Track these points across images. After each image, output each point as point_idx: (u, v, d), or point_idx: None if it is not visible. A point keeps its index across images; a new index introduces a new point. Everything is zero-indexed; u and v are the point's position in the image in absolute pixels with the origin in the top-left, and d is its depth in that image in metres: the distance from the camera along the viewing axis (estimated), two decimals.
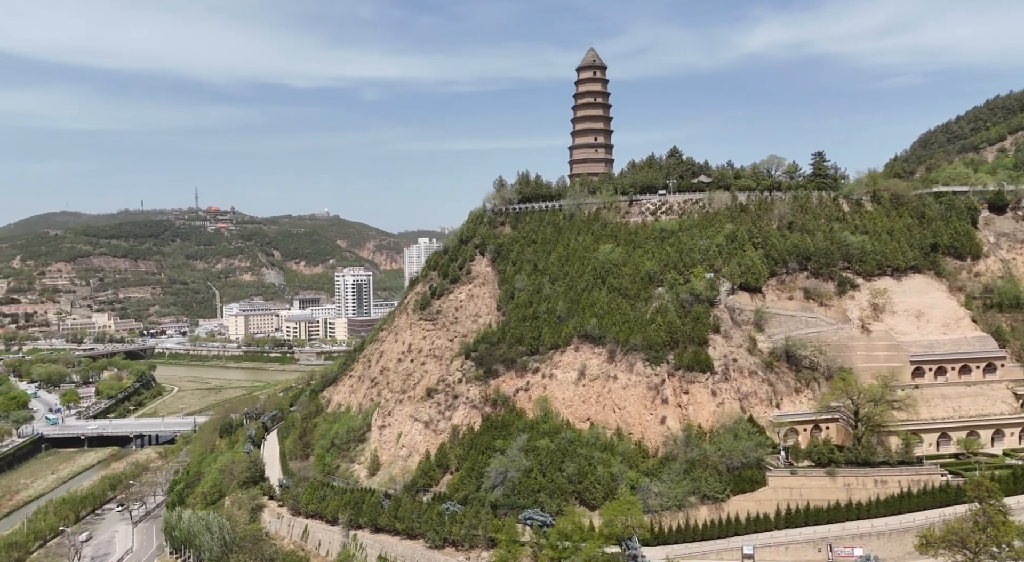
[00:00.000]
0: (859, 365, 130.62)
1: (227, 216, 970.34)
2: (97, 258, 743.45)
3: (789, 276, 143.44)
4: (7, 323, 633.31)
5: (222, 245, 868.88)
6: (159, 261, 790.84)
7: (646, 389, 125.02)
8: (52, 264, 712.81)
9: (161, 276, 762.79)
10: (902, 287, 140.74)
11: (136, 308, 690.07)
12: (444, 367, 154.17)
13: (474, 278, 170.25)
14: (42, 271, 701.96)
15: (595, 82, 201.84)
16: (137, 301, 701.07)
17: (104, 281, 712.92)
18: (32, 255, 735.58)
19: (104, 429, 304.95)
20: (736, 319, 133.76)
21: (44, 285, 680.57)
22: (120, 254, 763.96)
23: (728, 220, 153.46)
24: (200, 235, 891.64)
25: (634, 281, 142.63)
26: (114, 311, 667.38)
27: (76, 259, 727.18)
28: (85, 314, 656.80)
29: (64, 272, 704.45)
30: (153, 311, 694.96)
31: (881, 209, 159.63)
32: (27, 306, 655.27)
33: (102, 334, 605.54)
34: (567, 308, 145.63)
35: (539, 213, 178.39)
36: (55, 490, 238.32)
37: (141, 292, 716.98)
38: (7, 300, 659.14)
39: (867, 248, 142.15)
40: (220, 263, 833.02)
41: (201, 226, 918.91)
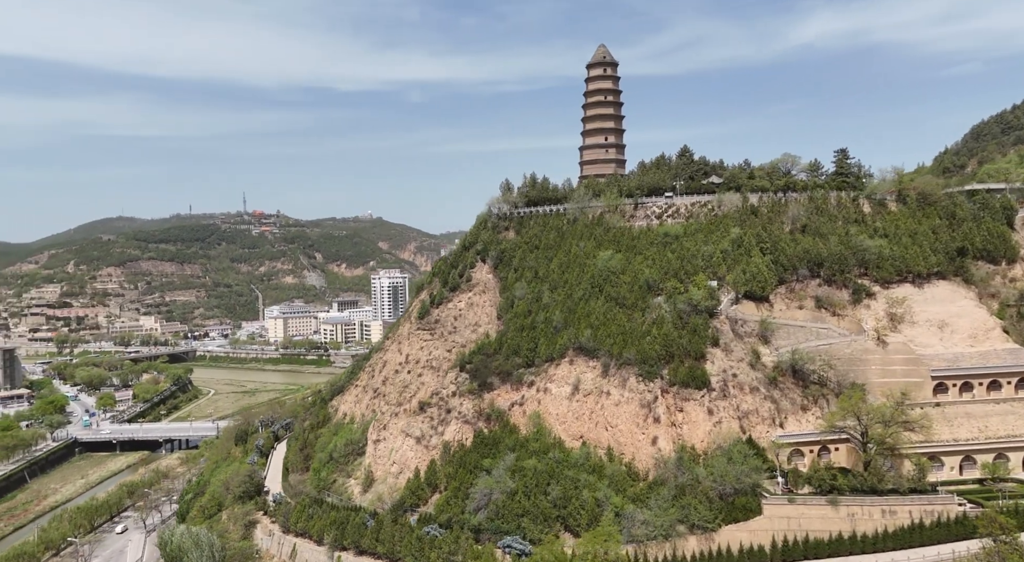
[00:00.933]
0: (874, 380, 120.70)
1: (271, 219, 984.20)
2: (145, 262, 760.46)
3: (799, 284, 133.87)
4: (60, 326, 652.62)
5: (266, 248, 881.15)
6: (204, 264, 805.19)
7: (638, 406, 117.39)
8: (103, 268, 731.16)
9: (206, 279, 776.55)
10: (924, 295, 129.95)
11: (181, 311, 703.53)
12: (440, 379, 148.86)
13: (474, 286, 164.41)
14: (94, 275, 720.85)
15: (605, 80, 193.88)
16: (182, 304, 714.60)
17: (151, 285, 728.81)
18: (85, 260, 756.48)
19: (135, 434, 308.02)
20: (738, 331, 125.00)
21: (95, 289, 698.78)
22: (167, 258, 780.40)
23: (737, 223, 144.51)
24: (245, 238, 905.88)
25: (632, 290, 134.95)
26: (160, 314, 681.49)
27: (125, 263, 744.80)
28: (133, 317, 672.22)
29: (114, 276, 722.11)
30: (198, 314, 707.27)
31: (906, 210, 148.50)
32: (79, 309, 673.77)
33: (148, 337, 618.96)
34: (564, 318, 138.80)
35: (543, 217, 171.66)
36: (82, 495, 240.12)
37: (186, 295, 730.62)
38: (60, 304, 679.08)
39: (885, 253, 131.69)
40: (263, 266, 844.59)
41: (246, 229, 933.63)
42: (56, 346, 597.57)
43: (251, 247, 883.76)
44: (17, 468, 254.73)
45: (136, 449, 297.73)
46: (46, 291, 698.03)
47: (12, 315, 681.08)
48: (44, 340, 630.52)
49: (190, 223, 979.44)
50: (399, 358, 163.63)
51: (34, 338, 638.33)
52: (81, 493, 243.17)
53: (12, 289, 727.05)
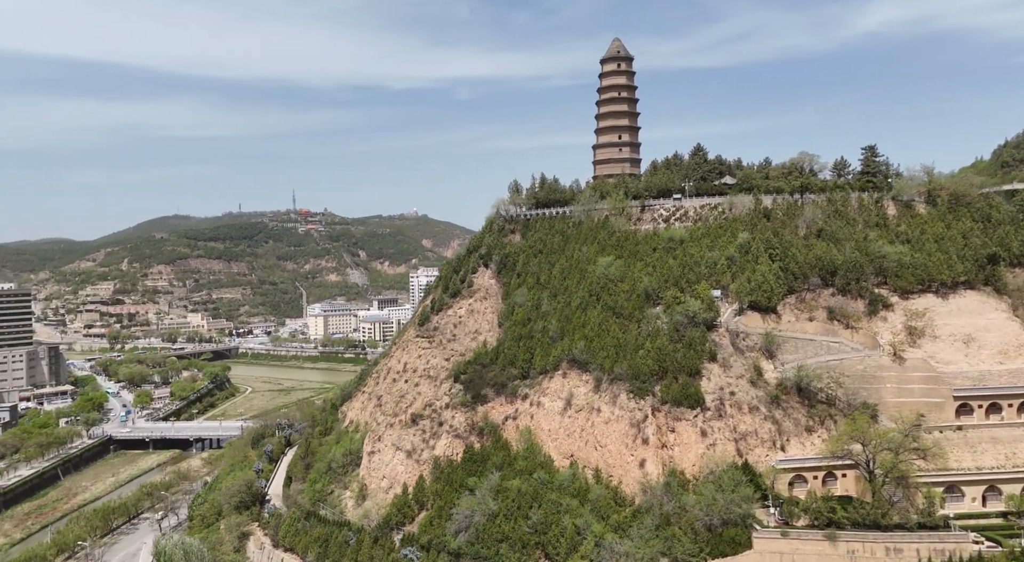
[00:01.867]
0: (888, 400, 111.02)
1: (317, 217, 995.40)
2: (194, 260, 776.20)
3: (811, 293, 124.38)
4: (113, 322, 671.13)
5: (311, 246, 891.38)
6: (251, 262, 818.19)
7: (628, 425, 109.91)
8: (154, 266, 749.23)
9: (252, 277, 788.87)
10: (948, 306, 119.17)
11: (227, 308, 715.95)
12: (435, 390, 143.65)
13: (475, 292, 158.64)
14: (145, 273, 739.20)
15: (619, 75, 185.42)
16: (229, 301, 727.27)
17: (199, 282, 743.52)
18: (138, 258, 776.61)
19: (166, 432, 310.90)
20: (739, 344, 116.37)
21: (146, 286, 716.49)
22: (215, 256, 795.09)
23: (747, 227, 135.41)
24: (291, 236, 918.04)
25: (630, 299, 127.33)
26: (207, 311, 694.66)
27: (175, 261, 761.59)
28: (181, 314, 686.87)
29: (164, 274, 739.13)
30: (243, 311, 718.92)
31: (935, 213, 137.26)
32: (130, 306, 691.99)
33: (194, 333, 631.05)
34: (560, 328, 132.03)
35: (549, 220, 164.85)
36: (110, 494, 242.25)
37: (233, 292, 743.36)
38: (114, 300, 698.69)
39: (905, 260, 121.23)
40: (308, 264, 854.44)
41: (292, 228, 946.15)
42: (108, 342, 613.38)
43: (297, 245, 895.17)
44: (51, 465, 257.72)
45: (168, 447, 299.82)
46: (100, 288, 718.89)
47: (69, 311, 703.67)
48: (98, 336, 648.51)
49: (239, 221, 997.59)
50: (398, 366, 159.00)
51: (89, 334, 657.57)
52: (109, 492, 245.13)
53: (70, 286, 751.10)
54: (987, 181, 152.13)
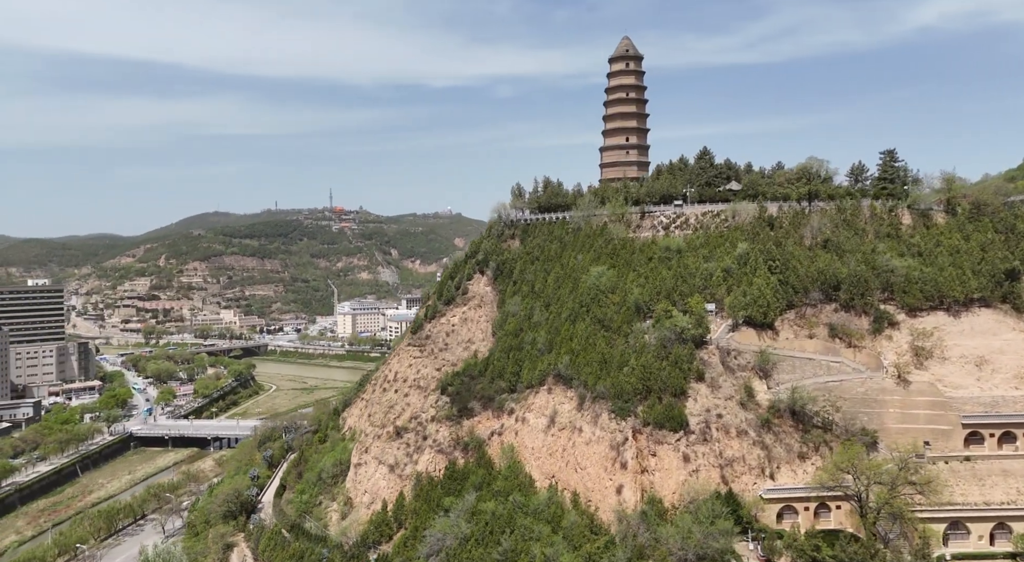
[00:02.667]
0: (891, 426, 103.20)
1: (351, 215, 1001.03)
2: (229, 257, 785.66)
3: (812, 309, 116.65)
4: (148, 318, 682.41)
5: (344, 244, 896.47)
6: (284, 259, 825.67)
7: (608, 448, 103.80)
8: (190, 263, 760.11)
9: (285, 274, 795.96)
10: (960, 325, 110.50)
11: (260, 305, 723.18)
12: (423, 401, 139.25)
13: (470, 299, 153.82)
14: (181, 269, 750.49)
15: (627, 75, 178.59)
16: (261, 298, 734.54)
17: (232, 279, 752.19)
18: (175, 254, 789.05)
19: (185, 430, 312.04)
20: (730, 363, 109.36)
21: (181, 283, 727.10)
22: (249, 253, 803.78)
23: (749, 237, 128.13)
24: (325, 234, 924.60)
25: (619, 312, 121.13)
26: (239, 308, 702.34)
27: (210, 258, 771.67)
28: (214, 311, 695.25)
29: (199, 270, 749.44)
30: (275, 308, 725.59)
31: (954, 223, 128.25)
32: (166, 302, 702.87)
33: (227, 330, 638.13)
34: (548, 340, 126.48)
35: (549, 225, 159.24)
36: (124, 491, 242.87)
37: (265, 289, 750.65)
38: (149, 296, 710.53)
39: (914, 275, 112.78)
40: (341, 261, 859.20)
41: (327, 225, 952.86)
42: (144, 337, 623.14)
43: (331, 243, 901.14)
44: (69, 462, 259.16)
45: (187, 446, 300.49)
46: (138, 284, 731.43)
47: (107, 306, 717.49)
48: (134, 331, 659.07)
49: (275, 219, 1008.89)
50: (391, 374, 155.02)
51: (125, 328, 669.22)
52: (124, 490, 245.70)
53: (110, 281, 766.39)
54: (1019, 186, 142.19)
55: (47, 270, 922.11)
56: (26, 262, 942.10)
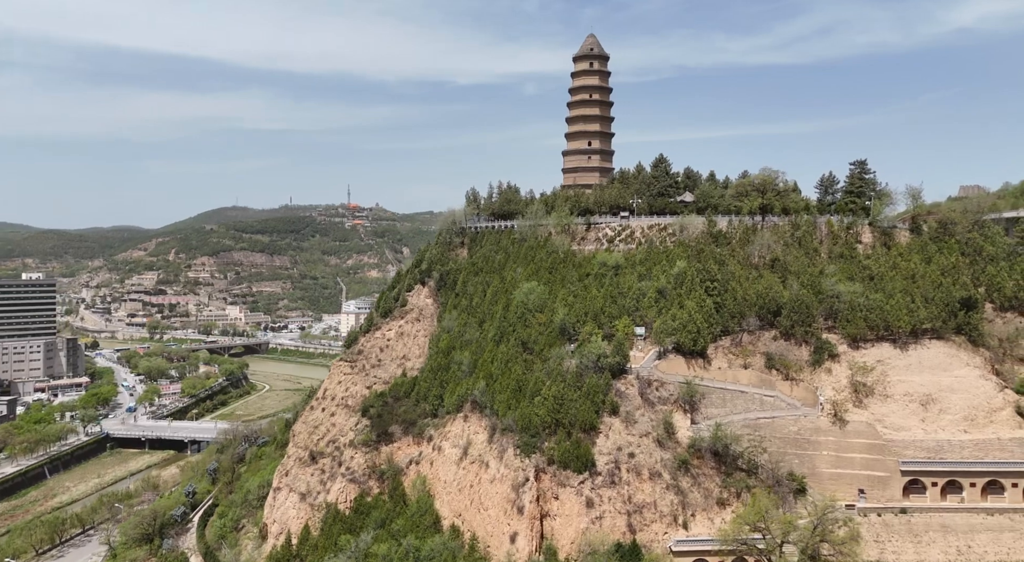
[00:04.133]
0: (823, 470, 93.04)
1: (365, 213, 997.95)
2: (237, 253, 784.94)
3: (749, 336, 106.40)
4: (154, 313, 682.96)
5: (355, 241, 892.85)
6: (294, 256, 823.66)
7: (510, 488, 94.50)
8: (198, 258, 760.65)
9: (293, 271, 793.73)
10: (907, 359, 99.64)
11: (266, 302, 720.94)
12: (347, 422, 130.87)
13: (408, 312, 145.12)
14: (189, 264, 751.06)
15: (591, 75, 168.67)
16: (268, 295, 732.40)
17: (240, 275, 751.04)
18: (185, 248, 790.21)
19: (163, 432, 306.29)
20: (650, 395, 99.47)
21: (188, 278, 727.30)
22: (259, 249, 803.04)
23: (692, 254, 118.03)
24: (337, 231, 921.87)
25: (543, 333, 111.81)
26: (245, 304, 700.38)
27: (218, 253, 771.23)
28: (220, 306, 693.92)
29: (207, 265, 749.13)
30: (282, 305, 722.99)
31: (917, 243, 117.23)
32: (172, 297, 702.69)
33: (231, 327, 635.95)
34: (473, 361, 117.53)
35: (497, 234, 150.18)
36: (89, 496, 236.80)
37: (273, 286, 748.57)
38: (156, 291, 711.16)
39: (858, 301, 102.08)
40: (351, 259, 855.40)
41: (339, 222, 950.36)
42: (148, 331, 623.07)
43: (342, 240, 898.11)
44: (37, 463, 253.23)
45: (164, 448, 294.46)
46: (145, 278, 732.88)
47: (114, 300, 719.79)
48: (139, 325, 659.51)
49: (288, 215, 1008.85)
50: (320, 391, 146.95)
51: (131, 323, 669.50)
52: (89, 494, 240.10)
53: (119, 274, 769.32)
54: (998, 204, 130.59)
55: (63, 262, 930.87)
56: (43, 253, 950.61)
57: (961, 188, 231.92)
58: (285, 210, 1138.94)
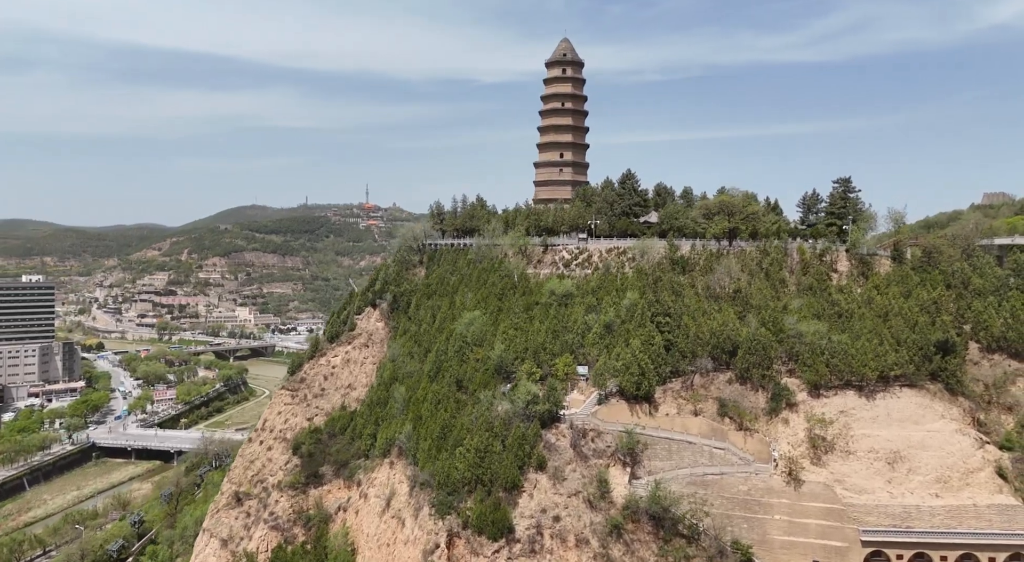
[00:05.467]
0: (775, 537, 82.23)
1: (380, 213, 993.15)
2: (249, 253, 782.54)
3: (702, 378, 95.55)
4: (163, 313, 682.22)
5: (368, 242, 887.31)
6: (306, 257, 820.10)
7: (421, 554, 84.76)
8: (209, 258, 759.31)
9: (305, 272, 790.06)
10: (873, 410, 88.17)
11: (277, 303, 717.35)
12: (281, 458, 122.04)
13: (355, 337, 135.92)
14: (200, 264, 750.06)
15: (563, 82, 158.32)
16: (278, 296, 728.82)
17: (251, 276, 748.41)
18: (198, 248, 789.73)
19: (149, 441, 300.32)
20: (584, 448, 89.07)
21: (199, 278, 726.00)
22: (271, 250, 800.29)
23: (650, 282, 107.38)
24: (352, 232, 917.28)
25: (479, 370, 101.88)
26: (256, 305, 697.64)
27: (230, 254, 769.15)
28: (230, 308, 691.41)
29: (218, 266, 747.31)
30: (292, 307, 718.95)
31: (898, 273, 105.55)
32: (182, 298, 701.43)
33: (240, 328, 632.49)
34: (407, 398, 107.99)
35: (455, 252, 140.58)
36: (66, 510, 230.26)
37: (283, 287, 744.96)
38: (166, 291, 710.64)
39: (820, 343, 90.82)
40: (364, 260, 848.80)
41: (354, 223, 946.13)
42: (157, 332, 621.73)
43: (356, 241, 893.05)
44: (16, 475, 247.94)
45: (151, 458, 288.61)
46: (157, 278, 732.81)
47: (126, 300, 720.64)
48: (149, 326, 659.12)
49: (303, 215, 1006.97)
50: (260, 422, 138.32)
51: (141, 323, 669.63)
52: (65, 508, 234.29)
53: (132, 274, 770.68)
54: (995, 227, 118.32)
55: (81, 260, 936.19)
56: (61, 251, 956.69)
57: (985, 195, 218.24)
58: (303, 209, 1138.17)
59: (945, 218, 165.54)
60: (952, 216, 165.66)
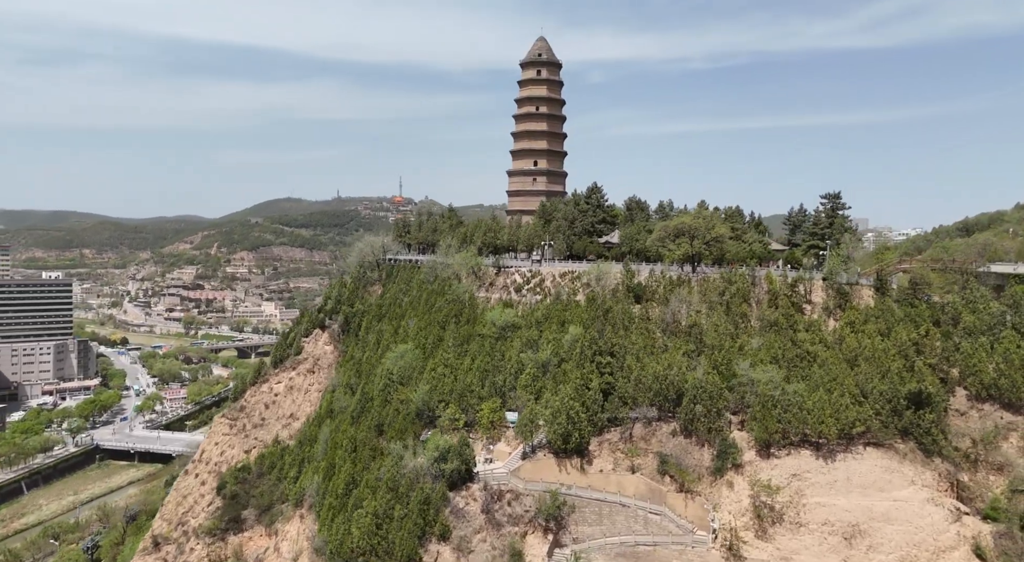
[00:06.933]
0: None
1: (410, 206, 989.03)
2: (277, 248, 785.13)
3: (645, 428, 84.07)
4: (191, 308, 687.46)
5: None
6: (335, 251, 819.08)
7: None
8: (238, 252, 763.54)
9: (332, 267, 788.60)
10: (831, 473, 75.63)
11: (303, 298, 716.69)
12: (207, 498, 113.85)
13: (301, 362, 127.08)
14: (228, 259, 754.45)
15: (538, 85, 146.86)
16: (305, 291, 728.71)
17: (278, 270, 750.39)
18: (227, 242, 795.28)
19: (151, 445, 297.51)
20: (498, 513, 78.32)
21: (226, 273, 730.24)
22: (299, 244, 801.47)
23: (599, 314, 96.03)
24: (381, 225, 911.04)
25: (400, 413, 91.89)
26: (282, 300, 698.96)
27: (258, 248, 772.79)
28: (256, 302, 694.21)
29: (246, 260, 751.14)
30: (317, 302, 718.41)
31: (880, 306, 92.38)
32: (209, 292, 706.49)
33: (266, 324, 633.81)
34: (330, 440, 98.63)
35: (411, 270, 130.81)
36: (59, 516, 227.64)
37: (310, 282, 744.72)
38: (194, 285, 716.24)
39: (771, 394, 78.58)
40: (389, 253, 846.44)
41: (384, 217, 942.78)
42: (184, 327, 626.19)
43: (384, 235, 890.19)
44: (14, 478, 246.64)
45: (154, 461, 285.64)
46: (185, 272, 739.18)
47: (155, 293, 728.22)
48: (176, 320, 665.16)
49: (335, 209, 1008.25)
50: (198, 453, 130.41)
51: (169, 318, 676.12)
52: (60, 514, 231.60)
53: (162, 267, 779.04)
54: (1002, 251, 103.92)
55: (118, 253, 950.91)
56: (100, 244, 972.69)
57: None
58: (335, 202, 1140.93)
59: (986, 219, 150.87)
60: (994, 217, 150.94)
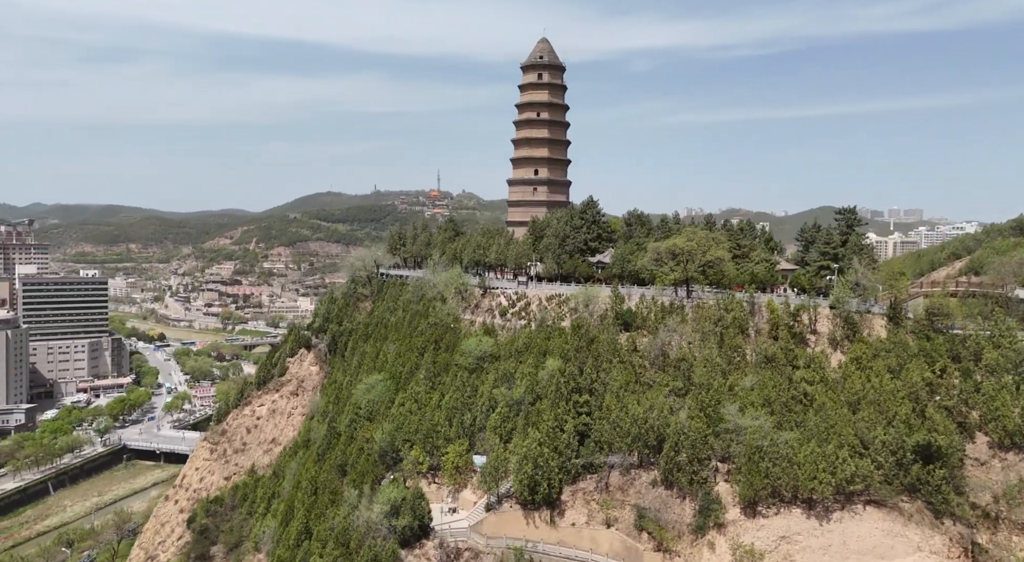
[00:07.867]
0: None
1: (445, 201, 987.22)
2: (313, 243, 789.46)
3: (622, 477, 76.42)
4: (228, 303, 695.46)
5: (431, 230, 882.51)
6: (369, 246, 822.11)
7: None
8: (275, 248, 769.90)
9: None
10: (825, 537, 66.84)
11: None
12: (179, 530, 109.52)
13: (285, 383, 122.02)
14: (266, 254, 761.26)
15: (539, 89, 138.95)
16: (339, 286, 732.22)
17: (314, 265, 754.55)
18: (265, 238, 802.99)
19: (176, 444, 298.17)
20: None
21: (263, 268, 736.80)
22: (335, 239, 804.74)
23: (584, 343, 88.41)
24: (417, 220, 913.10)
25: (364, 453, 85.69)
26: (316, 296, 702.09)
27: (295, 244, 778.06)
28: (292, 298, 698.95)
29: (282, 256, 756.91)
30: None
31: (892, 339, 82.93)
32: (247, 287, 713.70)
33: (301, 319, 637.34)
34: (296, 480, 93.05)
35: (398, 288, 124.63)
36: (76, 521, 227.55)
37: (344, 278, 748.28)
38: (232, 281, 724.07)
39: (758, 444, 70.07)
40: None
41: (420, 211, 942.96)
42: (221, 322, 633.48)
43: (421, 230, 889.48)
44: (42, 478, 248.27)
45: (179, 461, 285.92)
46: (224, 268, 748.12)
47: (194, 289, 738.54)
48: (215, 315, 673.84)
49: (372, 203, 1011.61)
50: (179, 478, 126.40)
51: (208, 312, 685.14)
52: (83, 515, 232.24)
53: (203, 263, 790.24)
54: None
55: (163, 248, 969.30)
56: (145, 238, 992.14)
57: None
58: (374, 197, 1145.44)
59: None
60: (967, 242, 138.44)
